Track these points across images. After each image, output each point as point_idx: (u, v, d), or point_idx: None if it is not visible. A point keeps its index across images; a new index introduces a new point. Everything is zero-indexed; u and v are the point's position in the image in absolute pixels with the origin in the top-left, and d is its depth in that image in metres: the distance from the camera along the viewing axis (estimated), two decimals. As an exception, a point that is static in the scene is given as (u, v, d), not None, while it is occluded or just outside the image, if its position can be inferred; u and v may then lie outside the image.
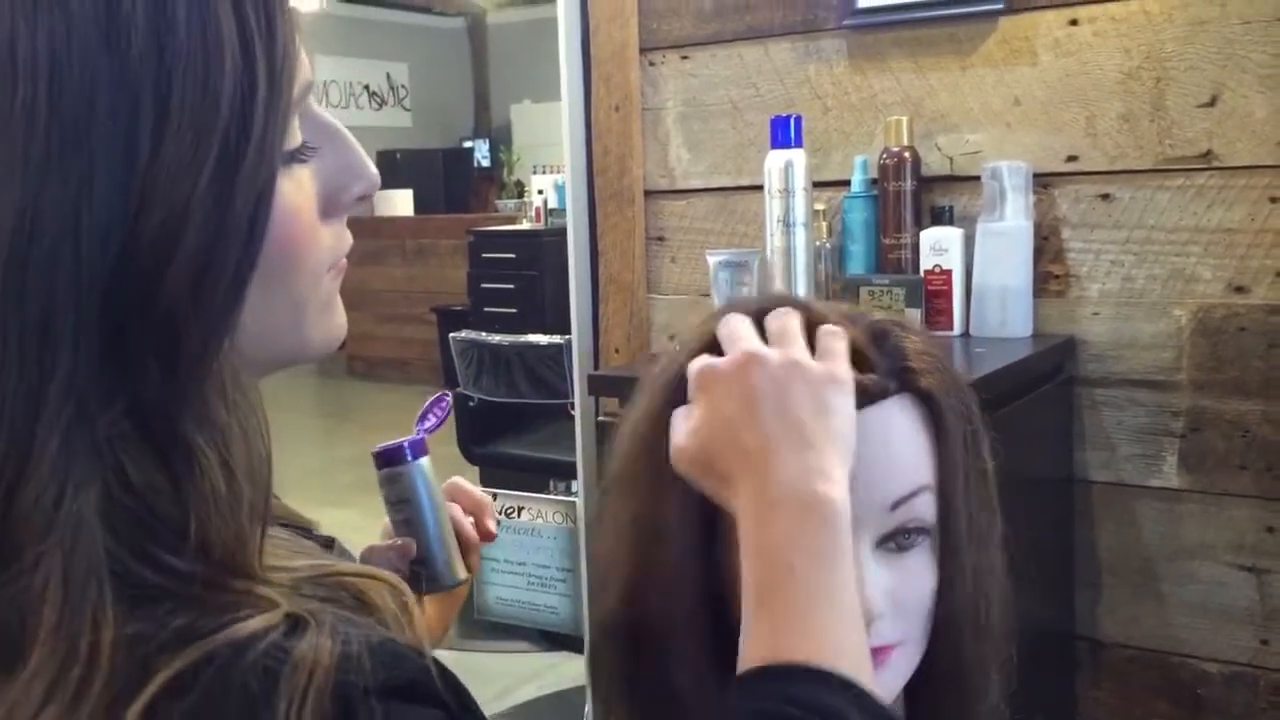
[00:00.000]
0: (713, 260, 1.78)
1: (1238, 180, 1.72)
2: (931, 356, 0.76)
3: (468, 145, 11.74)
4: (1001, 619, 0.79)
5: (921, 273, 1.86)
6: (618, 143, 2.24)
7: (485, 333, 3.92)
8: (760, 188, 1.86)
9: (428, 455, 0.95)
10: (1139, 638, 1.86)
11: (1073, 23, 1.81)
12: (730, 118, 2.12)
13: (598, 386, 2.00)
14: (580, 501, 2.41)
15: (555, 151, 3.60)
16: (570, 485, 3.52)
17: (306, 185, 0.61)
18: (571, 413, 2.43)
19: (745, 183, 2.10)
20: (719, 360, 0.72)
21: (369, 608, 0.57)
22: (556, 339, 3.59)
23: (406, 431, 0.96)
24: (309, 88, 0.61)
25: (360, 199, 0.65)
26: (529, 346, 3.69)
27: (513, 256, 6.02)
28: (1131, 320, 1.82)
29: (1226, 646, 1.79)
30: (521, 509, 3.10)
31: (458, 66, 12.22)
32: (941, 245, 1.85)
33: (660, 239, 2.23)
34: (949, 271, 1.85)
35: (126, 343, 0.53)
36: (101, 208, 0.51)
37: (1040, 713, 1.78)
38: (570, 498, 3.08)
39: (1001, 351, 1.75)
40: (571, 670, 3.32)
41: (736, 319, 0.74)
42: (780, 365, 0.70)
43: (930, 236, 1.86)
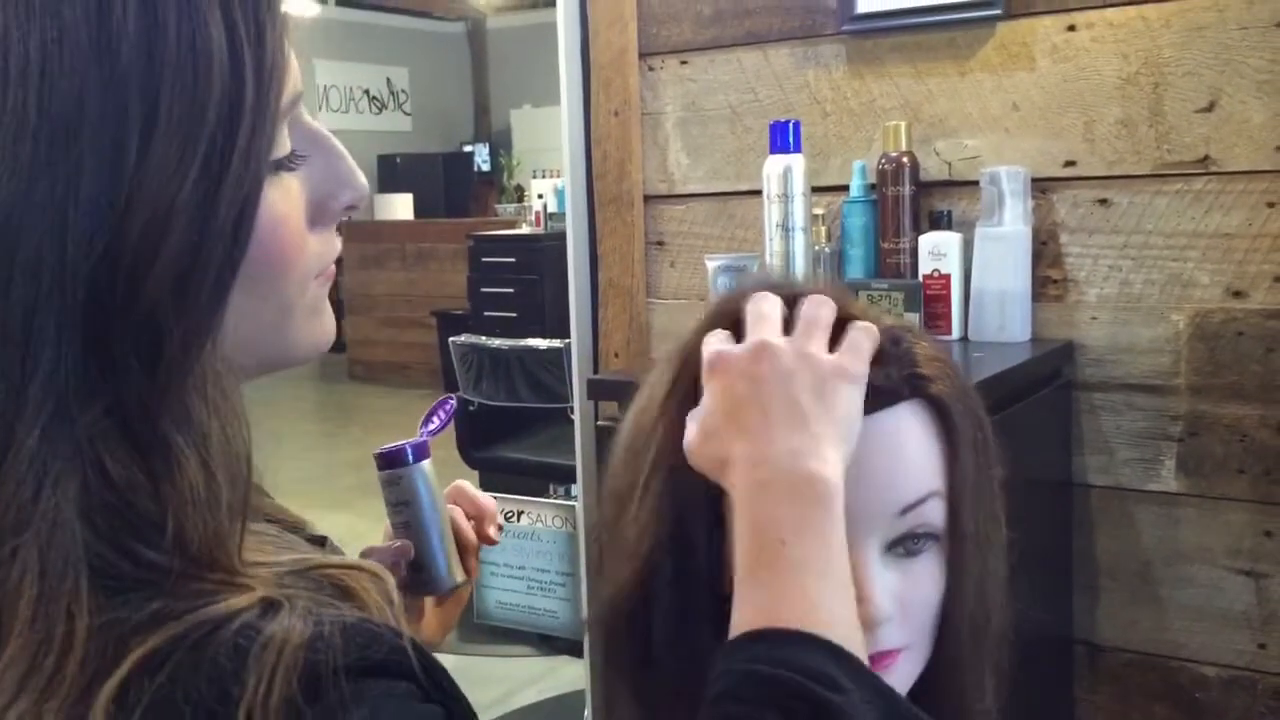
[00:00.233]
0: (712, 265, 1.78)
1: (1235, 185, 1.73)
2: (942, 363, 0.77)
3: (468, 150, 11.75)
4: (1002, 623, 0.80)
5: (920, 277, 1.86)
6: (617, 147, 2.24)
7: (485, 337, 3.92)
8: (759, 192, 1.87)
9: (430, 458, 0.95)
10: (1137, 641, 1.86)
11: (1070, 28, 1.82)
12: (729, 123, 2.13)
13: (597, 391, 2.00)
14: (580, 506, 2.41)
15: (555, 156, 3.61)
16: (570, 489, 3.52)
17: (295, 193, 0.62)
18: (571, 417, 2.43)
19: (744, 187, 2.11)
20: (733, 348, 0.72)
21: (353, 598, 0.58)
22: (556, 343, 3.60)
23: (406, 435, 0.96)
24: (299, 97, 0.62)
25: (348, 208, 0.66)
26: (529, 350, 3.69)
27: (512, 261, 6.02)
28: (1130, 325, 1.82)
29: (1224, 650, 1.80)
30: (521, 513, 3.10)
31: (458, 71, 12.23)
32: (940, 250, 1.86)
33: (659, 243, 2.24)
34: (947, 276, 1.85)
35: (108, 342, 0.54)
36: (87, 209, 0.52)
37: (1038, 717, 1.78)
38: (570, 502, 3.08)
39: (1000, 356, 1.76)
40: (571, 674, 3.32)
41: (767, 302, 0.74)
42: (791, 357, 0.70)
43: (929, 241, 1.87)
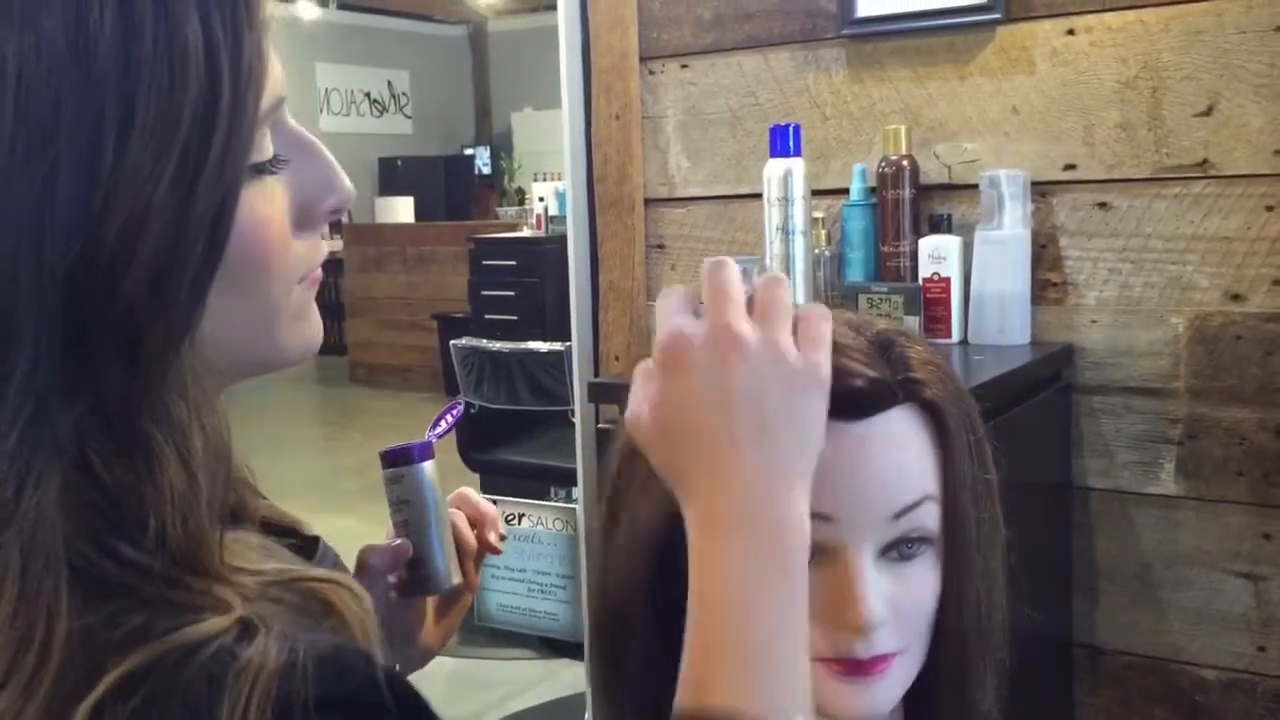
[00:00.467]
0: (712, 268, 1.79)
1: (1234, 189, 1.73)
2: (935, 367, 0.76)
3: (469, 152, 11.76)
4: (1000, 626, 0.80)
5: (920, 280, 1.87)
6: (618, 151, 2.25)
7: (486, 340, 3.92)
8: (759, 196, 1.87)
9: (433, 459, 0.96)
10: (1136, 644, 1.86)
11: (1070, 32, 1.82)
12: (730, 126, 2.13)
13: (598, 393, 2.01)
14: (580, 508, 2.41)
15: (556, 159, 3.60)
16: (570, 492, 3.52)
17: (278, 197, 0.62)
18: (572, 420, 2.44)
19: (745, 191, 2.11)
20: (694, 330, 0.65)
21: (333, 612, 0.58)
22: (557, 346, 3.60)
23: (407, 438, 0.97)
24: (281, 101, 0.62)
25: (334, 212, 0.66)
26: (529, 353, 3.69)
27: (513, 263, 6.03)
28: (1129, 328, 1.82)
29: (1224, 653, 1.80)
30: (522, 516, 3.11)
31: (459, 74, 12.25)
32: (940, 253, 1.86)
33: (660, 246, 2.24)
34: (947, 279, 1.85)
35: (87, 342, 0.54)
36: (64, 211, 0.53)
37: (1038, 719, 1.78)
38: (570, 505, 3.09)
39: (999, 359, 1.76)
40: (571, 677, 3.32)
41: (727, 271, 0.67)
42: (761, 357, 0.64)
43: (929, 244, 1.87)
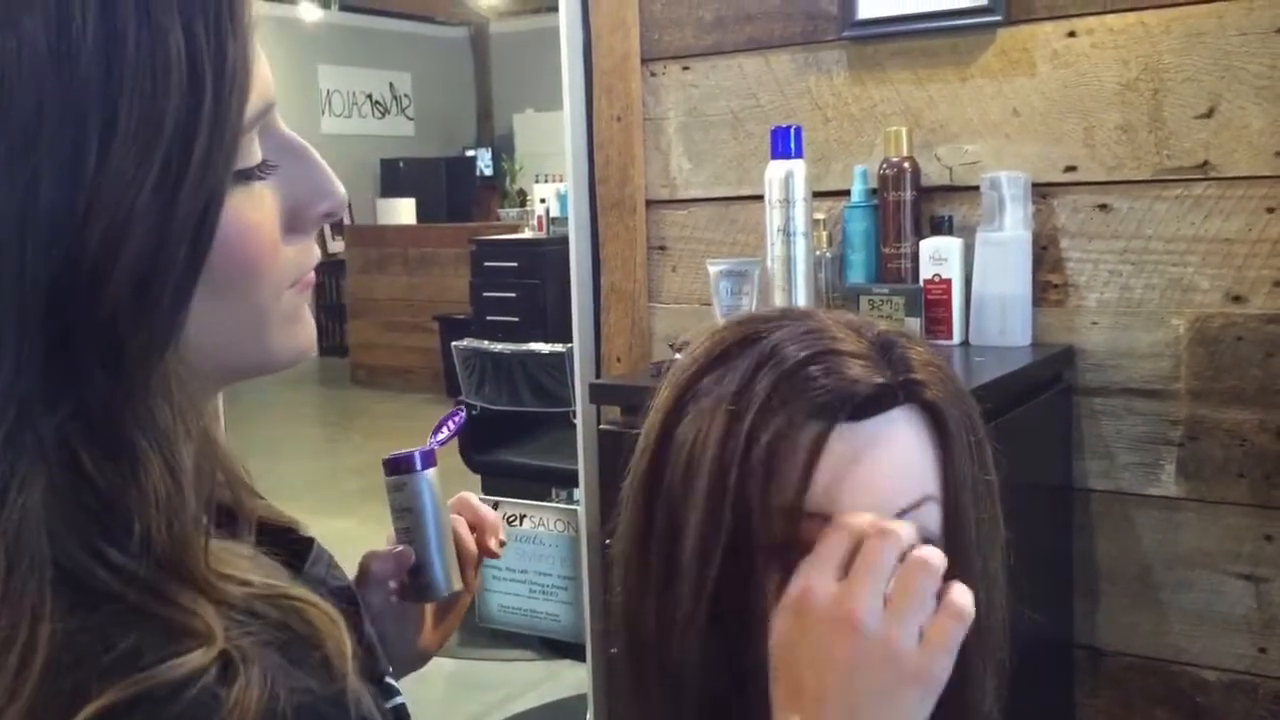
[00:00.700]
0: (714, 269, 1.79)
1: (1235, 191, 1.73)
2: (936, 368, 0.77)
3: (470, 154, 11.77)
4: (1000, 627, 0.80)
5: (921, 282, 1.87)
6: (619, 152, 2.25)
7: (487, 341, 3.93)
8: (761, 197, 1.87)
9: (436, 467, 0.96)
10: (1138, 646, 1.86)
11: (1071, 34, 1.82)
12: (731, 128, 2.14)
13: (599, 395, 2.01)
14: (582, 510, 2.41)
15: (558, 160, 3.61)
16: (572, 493, 3.52)
17: (267, 202, 0.62)
18: (573, 421, 2.44)
19: (746, 192, 2.11)
20: (820, 600, 0.68)
21: (314, 634, 0.58)
22: (558, 347, 3.60)
23: (407, 439, 0.97)
24: (270, 107, 0.62)
25: (326, 216, 0.66)
26: (531, 355, 3.70)
27: (515, 265, 6.03)
28: (1130, 329, 1.83)
29: (1225, 654, 1.80)
30: (523, 517, 3.11)
31: (460, 75, 12.25)
32: (941, 255, 1.86)
33: (661, 248, 2.24)
34: (948, 281, 1.86)
35: (70, 347, 0.54)
36: (46, 216, 0.53)
37: (1038, 720, 1.78)
38: (572, 506, 3.09)
39: (1000, 360, 1.76)
40: (573, 678, 3.32)
41: (882, 551, 0.68)
42: (872, 652, 0.67)
43: (930, 246, 1.87)
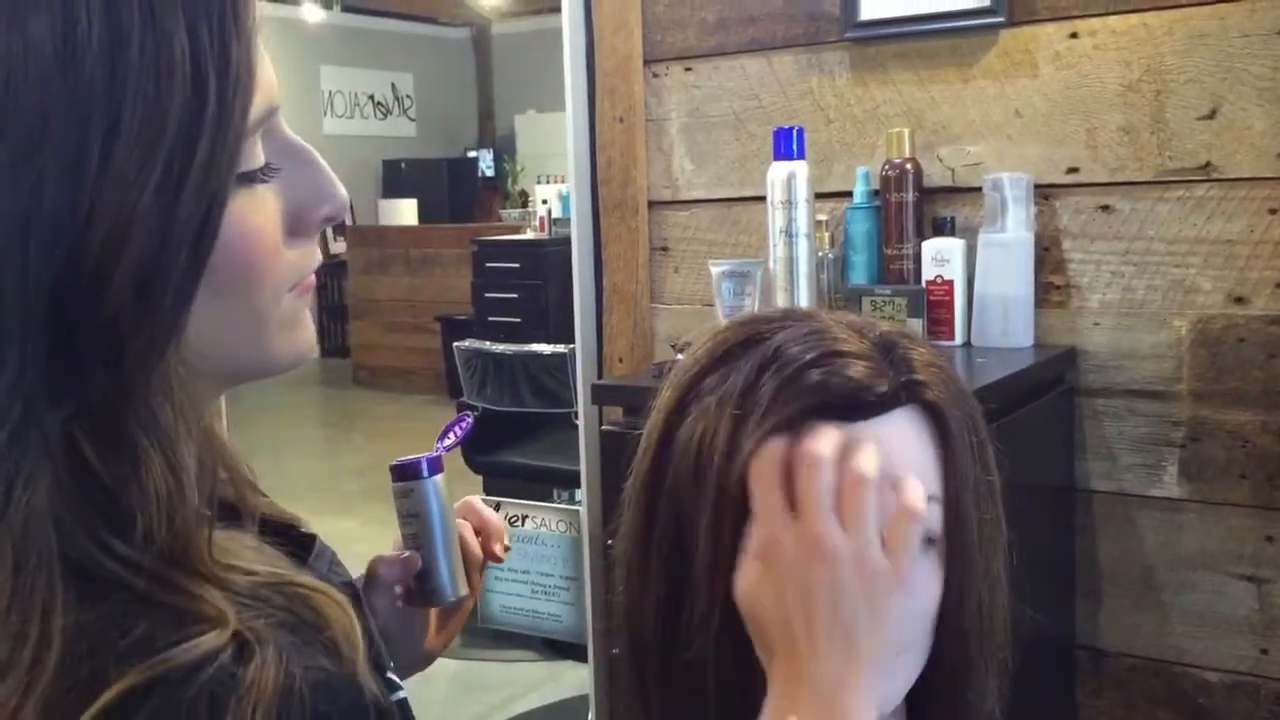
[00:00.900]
0: (716, 270, 1.79)
1: (1237, 192, 1.73)
2: (938, 369, 0.77)
3: (472, 155, 11.77)
4: (1002, 627, 0.80)
5: (923, 283, 1.87)
6: (621, 153, 2.25)
7: (489, 342, 3.93)
8: (763, 199, 1.87)
9: (443, 473, 0.97)
10: (1140, 647, 1.86)
11: (1073, 36, 1.82)
12: (733, 129, 2.14)
13: (601, 396, 2.01)
14: (584, 510, 2.41)
15: (559, 161, 3.61)
16: (574, 494, 3.52)
17: (269, 205, 0.63)
18: (575, 422, 2.44)
19: (748, 194, 2.11)
20: (787, 537, 0.70)
21: (321, 619, 0.59)
22: (560, 348, 3.60)
23: (409, 439, 0.98)
24: (273, 110, 0.62)
25: (327, 220, 0.66)
26: (533, 356, 3.70)
27: (517, 266, 6.04)
28: (1132, 331, 1.83)
29: (1227, 655, 1.80)
30: (525, 518, 3.11)
31: (462, 76, 12.25)
32: (943, 256, 1.86)
33: (664, 249, 2.24)
34: (950, 282, 1.86)
35: (73, 347, 0.55)
36: (50, 216, 0.53)
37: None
38: (574, 507, 3.09)
39: (1003, 361, 1.76)
40: (575, 679, 3.33)
41: (820, 472, 0.69)
42: (844, 565, 0.69)
43: (932, 247, 1.87)
